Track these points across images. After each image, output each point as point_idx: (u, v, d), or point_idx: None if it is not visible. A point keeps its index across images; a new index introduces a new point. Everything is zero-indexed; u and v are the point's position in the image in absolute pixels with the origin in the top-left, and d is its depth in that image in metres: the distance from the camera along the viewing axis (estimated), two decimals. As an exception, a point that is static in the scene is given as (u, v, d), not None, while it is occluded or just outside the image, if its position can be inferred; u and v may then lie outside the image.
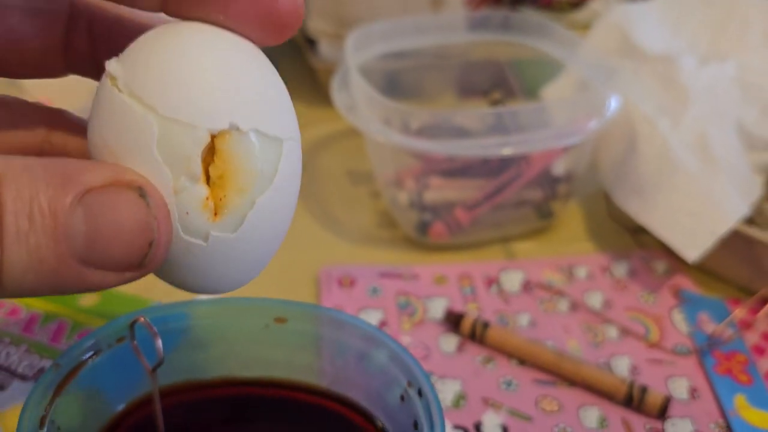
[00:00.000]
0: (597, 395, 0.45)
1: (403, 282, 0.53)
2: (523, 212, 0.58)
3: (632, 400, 0.44)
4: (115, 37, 0.27)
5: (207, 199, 0.22)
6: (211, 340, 0.36)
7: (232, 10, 0.22)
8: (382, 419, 0.34)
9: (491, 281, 0.54)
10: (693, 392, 0.46)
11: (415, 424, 0.31)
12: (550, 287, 0.54)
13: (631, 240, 0.59)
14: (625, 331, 0.50)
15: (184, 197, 0.22)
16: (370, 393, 0.34)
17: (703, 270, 0.56)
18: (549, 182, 0.57)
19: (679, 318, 0.52)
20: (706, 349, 0.49)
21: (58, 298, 0.51)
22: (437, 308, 0.51)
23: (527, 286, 0.54)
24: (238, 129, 0.22)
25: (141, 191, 0.20)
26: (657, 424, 0.44)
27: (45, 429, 0.30)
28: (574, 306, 0.52)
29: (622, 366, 0.48)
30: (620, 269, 0.56)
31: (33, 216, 0.19)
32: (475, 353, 0.48)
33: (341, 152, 0.69)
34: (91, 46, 0.28)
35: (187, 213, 0.22)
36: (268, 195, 0.23)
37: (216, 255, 0.23)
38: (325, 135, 0.71)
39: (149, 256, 0.21)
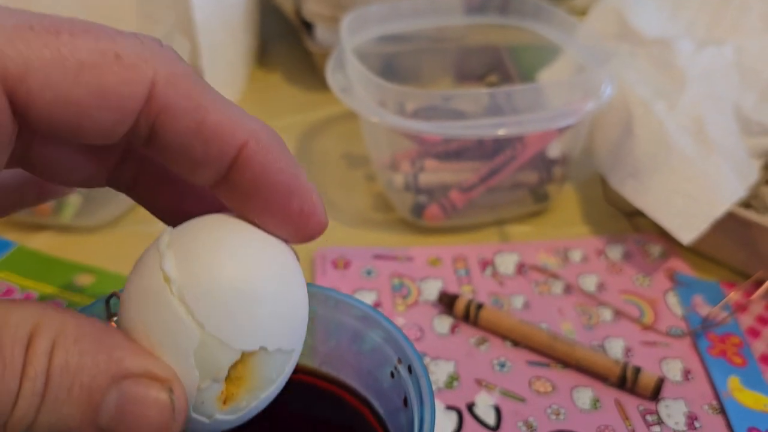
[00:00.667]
0: (590, 377, 0.45)
1: (398, 264, 0.53)
2: (518, 195, 0.58)
3: (626, 381, 0.44)
4: (161, 183, 0.28)
5: (222, 393, 0.24)
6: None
7: (268, 221, 0.25)
8: (372, 398, 0.34)
9: (486, 263, 0.54)
10: (686, 374, 0.46)
11: (405, 401, 0.31)
12: (545, 270, 0.54)
13: (626, 224, 0.59)
14: (619, 314, 0.50)
15: (204, 392, 0.24)
16: (361, 372, 0.34)
17: (698, 253, 0.55)
18: (544, 165, 0.57)
19: (673, 301, 0.52)
20: (700, 331, 0.49)
21: (53, 278, 0.51)
22: (431, 290, 0.51)
23: (522, 269, 0.54)
24: (265, 350, 0.25)
25: (170, 392, 0.22)
26: (650, 405, 0.44)
27: None
28: (569, 288, 0.52)
29: (616, 348, 0.47)
30: (615, 252, 0.56)
31: (72, 390, 0.20)
32: (468, 335, 0.48)
33: (338, 136, 0.69)
34: (134, 176, 0.29)
35: (203, 402, 0.24)
36: (270, 390, 0.26)
37: (214, 426, 0.25)
38: (321, 119, 0.71)
39: None
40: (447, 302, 0.49)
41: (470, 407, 0.43)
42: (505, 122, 0.51)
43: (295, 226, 0.26)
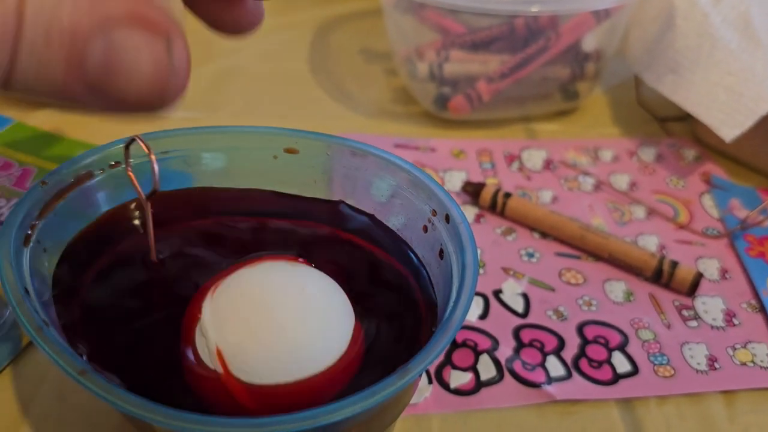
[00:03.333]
0: (623, 270, 0.43)
1: (420, 153, 0.50)
2: (547, 90, 0.55)
3: (661, 275, 0.42)
4: None
5: None
6: (214, 171, 0.33)
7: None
8: (402, 255, 0.31)
9: (512, 158, 0.51)
10: (724, 273, 0.43)
11: (441, 253, 0.28)
12: (575, 166, 0.51)
13: (658, 128, 0.56)
14: (652, 212, 0.47)
15: None
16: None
17: (733, 159, 0.53)
18: (577, 60, 0.54)
19: (709, 203, 0.49)
20: (738, 231, 0.46)
21: (52, 155, 0.48)
22: (455, 181, 0.48)
23: (550, 165, 0.51)
24: None
25: (168, 42, 0.19)
26: (686, 301, 0.41)
27: (29, 248, 0.27)
28: (599, 185, 0.49)
29: (650, 245, 0.45)
30: (648, 154, 0.53)
31: (51, 33, 0.18)
32: (494, 224, 0.45)
33: (355, 31, 0.65)
34: None
35: None
36: None
37: None
38: (338, 14, 0.67)
39: (155, 105, 0.20)
40: (472, 191, 0.46)
41: (497, 293, 0.40)
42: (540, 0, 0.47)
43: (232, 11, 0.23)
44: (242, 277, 0.27)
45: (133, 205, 0.31)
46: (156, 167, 0.27)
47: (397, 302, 0.29)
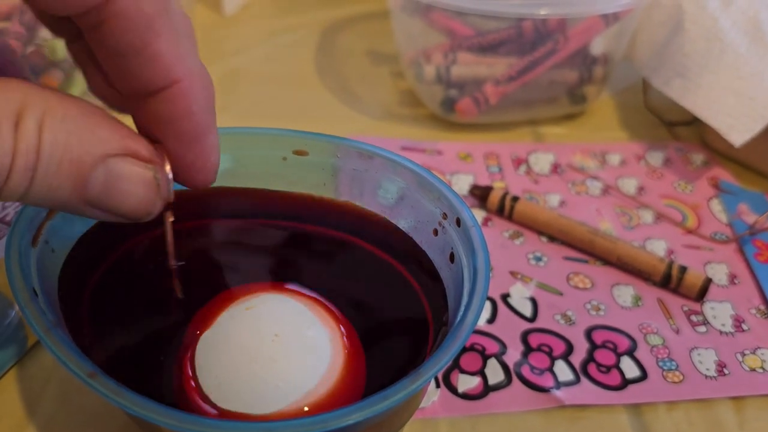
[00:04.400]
0: (631, 275, 0.42)
1: (426, 156, 0.50)
2: (554, 93, 0.55)
3: (670, 280, 0.41)
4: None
5: None
6: (223, 172, 0.32)
7: (171, 149, 0.25)
8: (412, 260, 0.31)
9: (519, 161, 0.51)
10: (732, 278, 0.43)
11: (452, 257, 0.28)
12: (583, 170, 0.50)
13: (666, 133, 0.56)
14: (660, 216, 0.47)
15: None
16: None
17: (742, 164, 0.52)
18: (585, 63, 0.54)
19: (717, 207, 0.49)
20: (747, 236, 0.46)
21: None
22: (462, 184, 0.48)
23: (557, 168, 0.51)
24: None
25: (155, 170, 0.24)
26: (695, 306, 0.41)
27: (37, 249, 0.27)
28: (607, 190, 0.49)
29: (658, 249, 0.45)
30: (655, 158, 0.53)
31: (61, 164, 0.21)
32: (502, 228, 0.45)
33: (362, 33, 0.65)
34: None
35: None
36: None
37: None
38: (345, 16, 0.67)
39: (144, 217, 0.24)
40: (480, 195, 0.46)
41: (505, 297, 0.40)
42: (548, 3, 0.47)
43: (187, 170, 0.26)
44: (229, 320, 0.29)
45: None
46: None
47: (404, 310, 0.29)
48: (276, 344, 0.27)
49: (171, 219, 0.27)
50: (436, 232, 0.29)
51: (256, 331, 0.28)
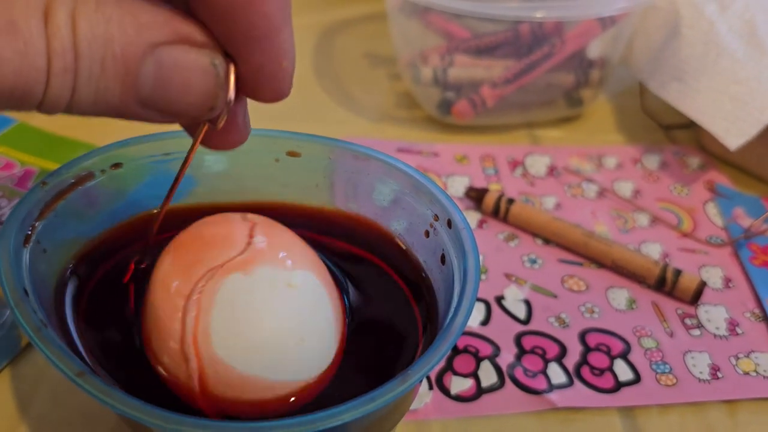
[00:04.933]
0: (626, 278, 0.42)
1: (423, 158, 0.50)
2: (551, 96, 0.55)
3: (665, 283, 0.41)
4: None
5: None
6: (216, 173, 0.32)
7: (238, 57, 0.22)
8: (402, 262, 0.31)
9: (516, 164, 0.51)
10: (727, 282, 0.43)
11: (442, 259, 0.28)
12: (579, 173, 0.50)
13: (662, 136, 0.56)
14: (656, 220, 0.47)
15: None
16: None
17: (738, 167, 0.52)
18: (582, 67, 0.54)
19: (713, 211, 0.49)
20: (742, 240, 0.46)
21: (55, 156, 0.48)
22: (458, 186, 0.48)
23: (553, 171, 0.51)
24: None
25: (212, 56, 0.20)
26: (689, 309, 0.41)
27: (29, 248, 0.27)
28: (603, 192, 0.49)
29: (653, 253, 0.45)
30: (651, 161, 0.53)
31: (105, 62, 0.19)
32: (497, 230, 0.45)
33: (359, 36, 0.65)
34: None
35: None
36: None
37: None
38: (343, 18, 0.67)
39: (206, 114, 0.21)
40: (475, 197, 0.46)
41: (499, 300, 0.40)
42: (545, 6, 0.47)
43: (254, 77, 0.22)
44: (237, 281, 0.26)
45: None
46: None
47: (394, 312, 0.29)
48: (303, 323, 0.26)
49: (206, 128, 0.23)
50: (427, 234, 0.29)
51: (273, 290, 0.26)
